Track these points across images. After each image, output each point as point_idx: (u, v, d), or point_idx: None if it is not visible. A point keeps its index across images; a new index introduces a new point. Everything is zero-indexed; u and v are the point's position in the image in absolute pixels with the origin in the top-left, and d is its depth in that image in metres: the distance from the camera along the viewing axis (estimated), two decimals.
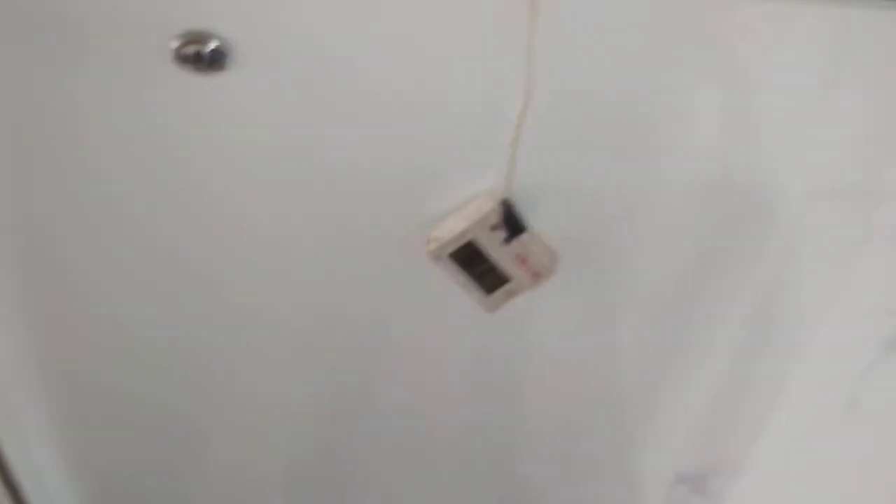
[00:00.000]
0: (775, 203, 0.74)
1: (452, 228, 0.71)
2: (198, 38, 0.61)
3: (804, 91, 0.67)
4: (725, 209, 0.75)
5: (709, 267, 0.79)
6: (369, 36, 0.63)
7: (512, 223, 0.71)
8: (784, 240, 0.76)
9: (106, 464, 0.92)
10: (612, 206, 0.74)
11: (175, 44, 0.61)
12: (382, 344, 0.85)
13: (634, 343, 0.86)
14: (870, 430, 0.79)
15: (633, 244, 0.77)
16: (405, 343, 0.85)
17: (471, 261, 0.73)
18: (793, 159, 0.71)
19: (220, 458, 0.95)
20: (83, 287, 0.77)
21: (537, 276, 0.74)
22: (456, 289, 0.75)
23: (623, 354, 0.87)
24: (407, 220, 0.74)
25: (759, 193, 0.74)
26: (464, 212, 0.71)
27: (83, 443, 0.90)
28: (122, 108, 0.65)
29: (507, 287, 0.75)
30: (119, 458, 0.92)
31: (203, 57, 0.62)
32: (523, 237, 0.72)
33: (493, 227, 0.71)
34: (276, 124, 0.68)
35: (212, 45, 0.62)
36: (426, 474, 1.00)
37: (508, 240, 0.72)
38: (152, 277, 0.76)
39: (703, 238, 0.77)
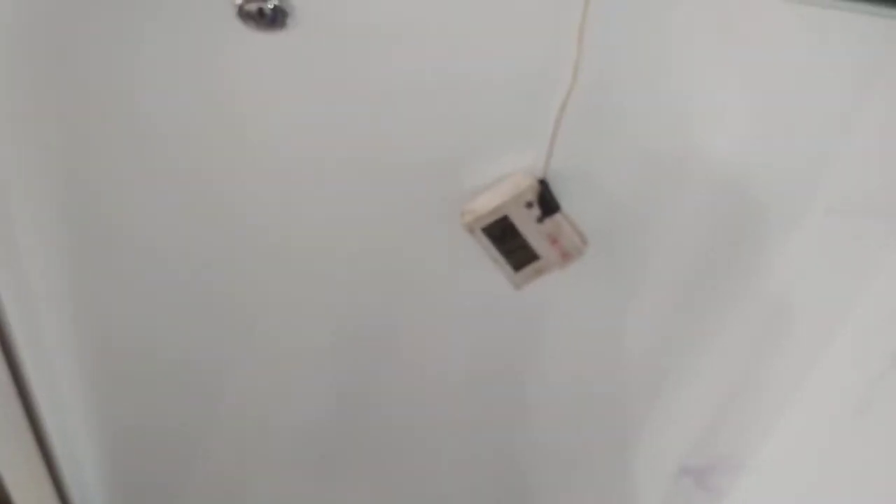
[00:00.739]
0: (795, 211, 0.76)
1: (488, 202, 0.73)
2: None
3: (833, 103, 0.69)
4: (749, 211, 0.76)
5: (728, 265, 0.81)
6: (423, 8, 0.65)
7: (547, 202, 0.72)
8: (801, 247, 0.78)
9: (129, 412, 0.95)
10: (642, 196, 0.76)
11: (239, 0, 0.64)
12: (404, 308, 0.87)
13: (650, 333, 0.87)
14: (877, 435, 0.80)
15: (658, 236, 0.79)
16: (426, 311, 0.87)
17: (503, 236, 0.74)
18: (813, 172, 0.73)
19: (237, 414, 0.97)
20: (125, 226, 0.79)
21: (567, 257, 0.76)
22: (483, 264, 0.77)
23: (637, 343, 0.88)
24: (443, 192, 0.75)
25: (780, 201, 0.75)
26: (500, 187, 0.73)
27: (109, 390, 0.92)
28: (183, 59, 0.67)
29: (536, 265, 0.76)
30: (141, 406, 0.94)
31: (265, 14, 0.64)
32: (556, 217, 0.73)
33: (528, 205, 0.72)
34: (327, 86, 0.69)
35: (273, 2, 0.64)
36: (430, 447, 1.02)
37: (542, 218, 0.73)
38: (194, 217, 0.78)
39: (724, 237, 0.79)
